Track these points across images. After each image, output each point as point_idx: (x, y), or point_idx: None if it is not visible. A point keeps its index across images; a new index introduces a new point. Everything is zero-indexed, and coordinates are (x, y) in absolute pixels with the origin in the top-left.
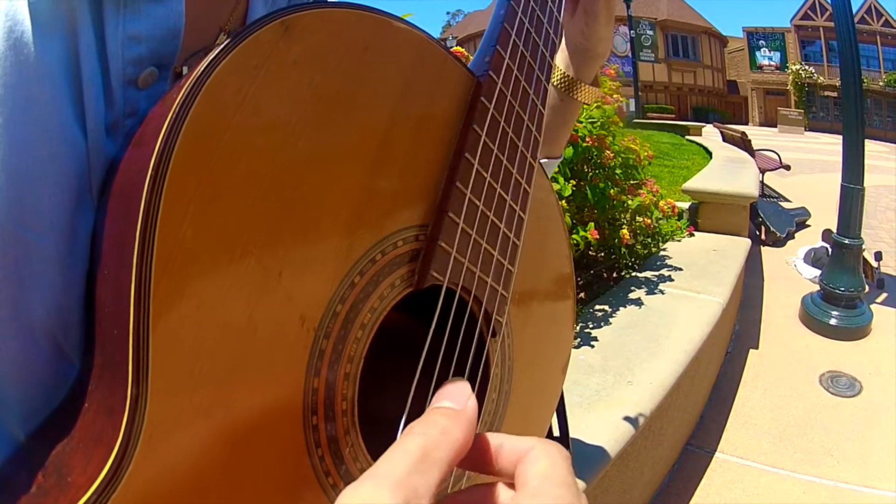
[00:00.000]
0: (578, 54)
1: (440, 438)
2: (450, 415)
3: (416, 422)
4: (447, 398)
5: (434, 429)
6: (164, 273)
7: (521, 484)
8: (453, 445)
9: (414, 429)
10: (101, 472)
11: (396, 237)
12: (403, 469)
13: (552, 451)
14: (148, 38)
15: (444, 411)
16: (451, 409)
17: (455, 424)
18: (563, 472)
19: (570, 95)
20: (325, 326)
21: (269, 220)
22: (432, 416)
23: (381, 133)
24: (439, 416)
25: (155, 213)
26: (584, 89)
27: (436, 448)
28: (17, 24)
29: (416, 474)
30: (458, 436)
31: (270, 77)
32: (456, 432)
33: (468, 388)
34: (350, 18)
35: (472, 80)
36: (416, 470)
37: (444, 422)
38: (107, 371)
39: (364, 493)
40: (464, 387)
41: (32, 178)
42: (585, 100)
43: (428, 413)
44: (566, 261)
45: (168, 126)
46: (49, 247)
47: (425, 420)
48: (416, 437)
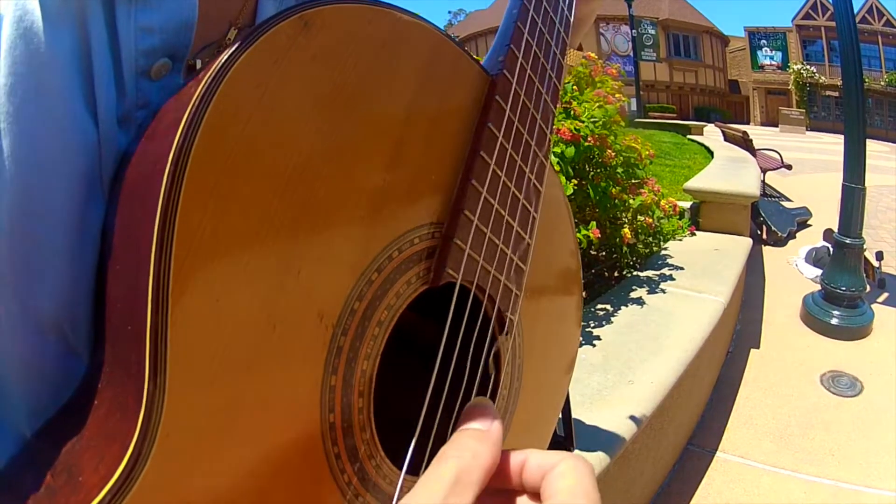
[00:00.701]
0: None
1: (472, 462)
2: (478, 437)
3: (447, 445)
4: (474, 419)
5: (466, 452)
6: (183, 269)
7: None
8: (484, 467)
9: (447, 453)
10: (116, 471)
11: (413, 234)
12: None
13: (580, 465)
14: (161, 30)
15: (472, 433)
16: (479, 431)
17: (484, 446)
18: (589, 486)
19: None
20: (342, 323)
21: (288, 215)
22: (462, 440)
23: (398, 129)
24: (469, 440)
25: (174, 209)
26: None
27: (468, 472)
28: (27, 14)
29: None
30: (487, 457)
31: (290, 72)
32: (485, 454)
33: (492, 407)
34: (367, 14)
35: (486, 78)
36: (453, 493)
37: (474, 445)
38: (118, 367)
39: None
40: (488, 407)
41: (42, 169)
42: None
43: (457, 436)
44: (573, 258)
45: (187, 119)
46: (58, 239)
47: (456, 444)
48: (450, 462)
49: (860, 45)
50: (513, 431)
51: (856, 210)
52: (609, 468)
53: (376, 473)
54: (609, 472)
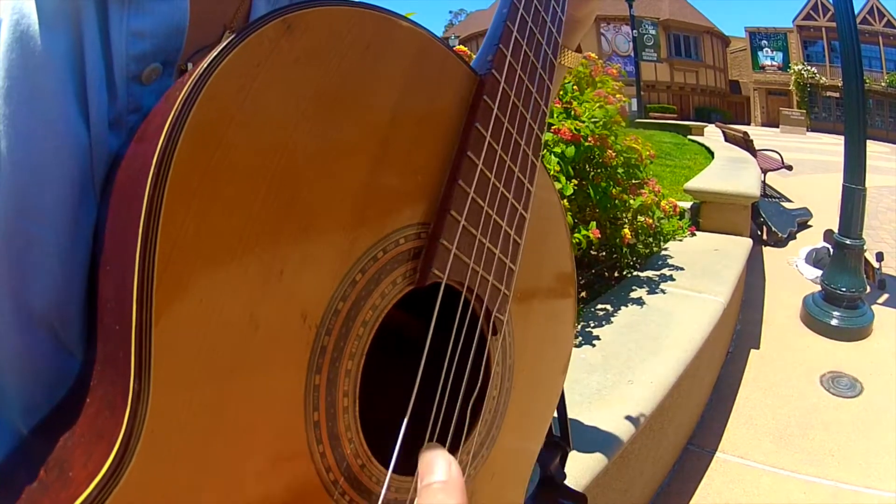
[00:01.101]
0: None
1: None
2: (445, 490)
3: None
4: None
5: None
6: (167, 269)
7: None
8: None
9: None
10: (103, 467)
11: (398, 235)
12: None
13: None
14: (152, 35)
15: (438, 488)
16: (444, 483)
17: (451, 498)
18: None
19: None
20: (326, 324)
21: (271, 217)
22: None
23: (383, 131)
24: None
25: (158, 210)
26: (569, 55)
27: None
28: (23, 17)
29: None
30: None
31: (273, 75)
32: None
33: (446, 454)
34: (352, 16)
35: (474, 78)
36: None
37: (442, 498)
38: (108, 366)
39: None
40: (443, 455)
41: (36, 170)
42: (570, 64)
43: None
44: (568, 260)
45: (171, 123)
46: (51, 239)
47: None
48: None
49: (861, 45)
50: (505, 432)
51: (856, 211)
52: (608, 468)
53: (362, 472)
54: (608, 472)
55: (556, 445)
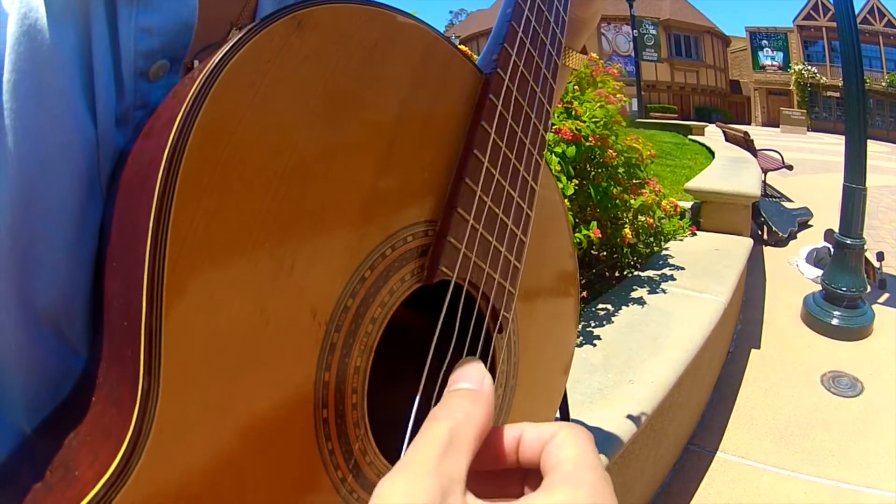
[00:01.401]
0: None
1: (465, 422)
2: (470, 396)
3: (438, 407)
4: (464, 379)
5: (458, 412)
6: (177, 265)
7: (552, 467)
8: (478, 426)
9: (438, 414)
10: (110, 466)
11: (406, 232)
12: (435, 457)
13: (579, 433)
14: (160, 31)
15: (464, 393)
16: (471, 391)
17: (476, 405)
18: (591, 454)
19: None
20: (336, 320)
21: (281, 213)
22: (454, 400)
23: (391, 128)
24: (460, 399)
25: (168, 206)
26: (574, 56)
27: (462, 432)
28: (31, 11)
29: (447, 460)
30: (480, 417)
31: (283, 72)
32: (478, 413)
33: (482, 366)
34: (361, 14)
35: (479, 76)
36: (447, 455)
37: (465, 404)
38: (115, 364)
39: (400, 486)
40: (478, 366)
41: (42, 165)
42: (574, 66)
43: (448, 396)
44: (570, 259)
45: (181, 119)
46: (57, 235)
47: (447, 404)
48: (442, 423)
49: (861, 45)
50: None
51: (856, 210)
52: (609, 468)
53: (370, 470)
54: (609, 471)
55: None
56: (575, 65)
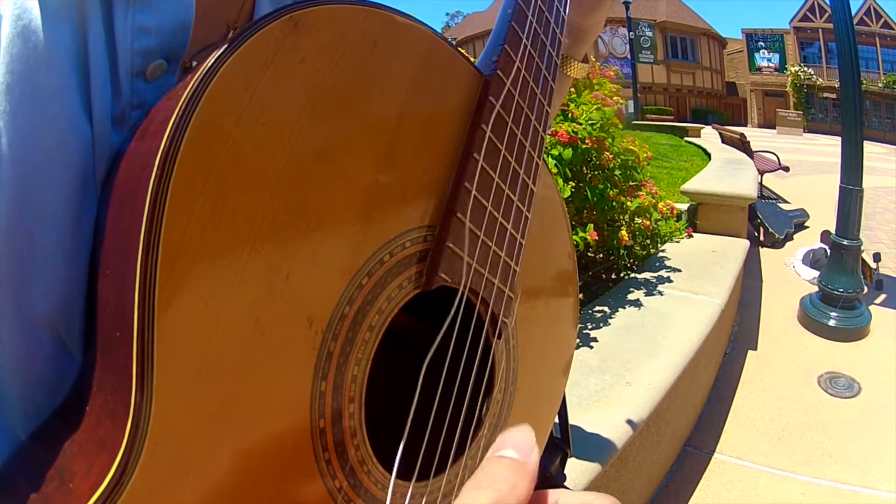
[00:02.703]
0: (574, 34)
1: (509, 495)
2: (516, 468)
3: (482, 473)
4: (513, 447)
5: (503, 484)
6: (170, 273)
7: None
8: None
9: (482, 482)
10: (105, 478)
11: (404, 238)
12: None
13: None
14: (158, 31)
15: (509, 463)
16: (518, 462)
17: (521, 480)
18: None
19: (561, 71)
20: (332, 328)
21: (277, 219)
22: (498, 468)
23: (389, 131)
24: (506, 470)
25: (161, 211)
26: (575, 65)
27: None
28: (25, 12)
29: None
30: (523, 491)
31: (279, 73)
32: (522, 488)
33: (532, 436)
34: (359, 14)
35: (479, 78)
36: None
37: (511, 476)
38: (109, 372)
39: None
40: (529, 435)
41: (38, 168)
42: (576, 75)
43: (493, 462)
44: (569, 259)
45: (175, 121)
46: (53, 238)
47: (492, 473)
48: (485, 493)
49: (858, 46)
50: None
51: (853, 212)
52: (606, 470)
53: (368, 479)
54: (606, 474)
55: (557, 447)
56: (577, 74)
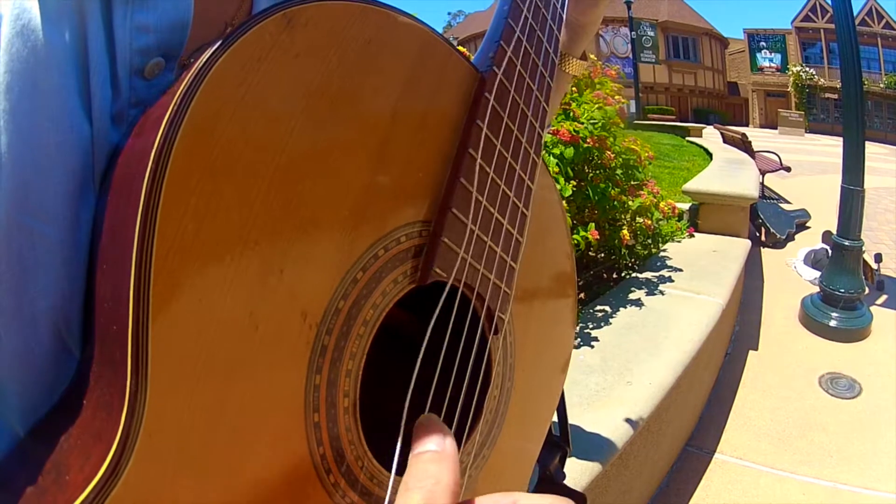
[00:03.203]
0: (571, 30)
1: (435, 488)
2: (435, 459)
3: (406, 475)
4: (426, 441)
5: (427, 480)
6: (164, 268)
7: None
8: (447, 490)
9: (408, 484)
10: (99, 469)
11: (399, 233)
12: None
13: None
14: (156, 29)
15: (429, 457)
16: (434, 453)
17: (443, 468)
18: None
19: (560, 68)
20: (327, 323)
21: (271, 214)
22: (420, 466)
23: (384, 128)
24: (427, 465)
25: (155, 207)
26: (574, 62)
27: (434, 499)
28: (24, 12)
29: None
30: (449, 479)
31: (273, 70)
32: (446, 476)
33: (441, 424)
34: (353, 11)
35: (475, 75)
36: None
37: (433, 469)
38: (105, 367)
39: None
40: (437, 424)
41: (38, 166)
42: (574, 72)
43: (413, 462)
44: (568, 260)
45: (170, 117)
46: (53, 236)
47: (414, 472)
48: (413, 493)
49: (859, 47)
50: (505, 432)
51: (854, 212)
52: (607, 469)
53: (364, 475)
54: (607, 474)
55: (556, 445)
56: (575, 71)
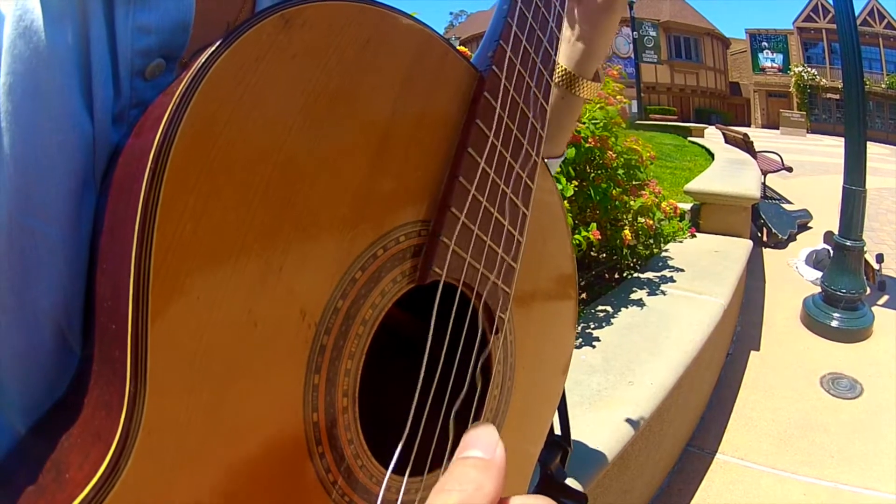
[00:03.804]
0: (581, 47)
1: (475, 494)
2: (481, 466)
3: (448, 476)
4: (475, 446)
5: (468, 485)
6: (163, 267)
7: None
8: (487, 499)
9: (447, 485)
10: (99, 468)
11: (398, 232)
12: None
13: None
14: (158, 30)
15: (474, 462)
16: (483, 461)
17: (487, 478)
18: None
19: (570, 92)
20: (326, 322)
21: (270, 213)
22: (464, 471)
23: (382, 127)
24: (471, 470)
25: (154, 206)
26: (586, 85)
27: None
28: (27, 13)
29: None
30: (490, 489)
31: (271, 70)
32: (489, 486)
33: (496, 434)
34: (351, 11)
35: (474, 74)
36: None
37: (476, 475)
38: (105, 366)
39: None
40: (492, 433)
41: (40, 166)
42: (587, 95)
43: (457, 464)
44: (569, 261)
45: (168, 117)
46: (55, 235)
47: (457, 475)
48: (452, 495)
49: (861, 47)
50: (506, 432)
51: (856, 212)
52: (608, 469)
53: (362, 473)
54: (608, 473)
55: (557, 445)
56: (589, 94)
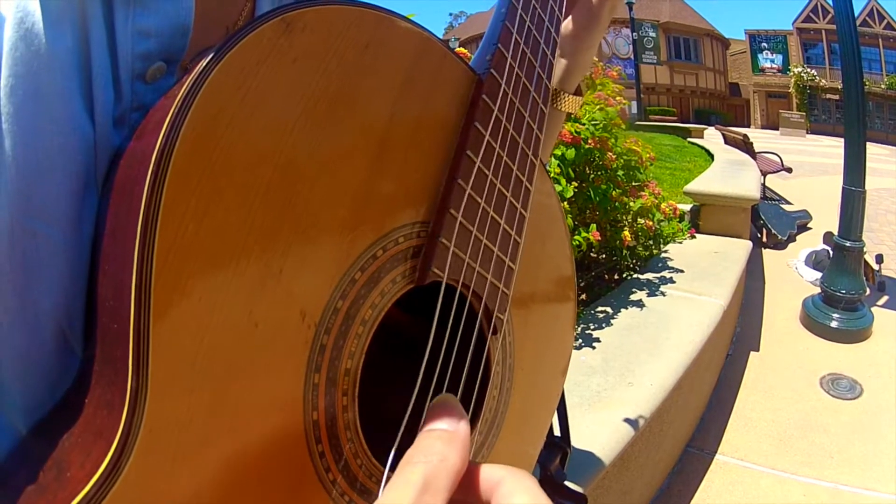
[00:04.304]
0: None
1: (440, 466)
2: (445, 438)
3: (413, 449)
4: (439, 419)
5: (433, 456)
6: (165, 268)
7: None
8: (452, 470)
9: (413, 458)
10: (100, 466)
11: (398, 233)
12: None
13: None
14: (157, 34)
15: (438, 434)
16: (446, 433)
17: (452, 449)
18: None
19: (553, 106)
20: (325, 322)
21: (271, 215)
22: (428, 442)
23: (382, 130)
24: (435, 441)
25: (156, 208)
26: (568, 99)
27: (437, 477)
28: (27, 15)
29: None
30: (456, 460)
31: (271, 73)
32: (454, 457)
33: (458, 405)
34: (351, 15)
35: (473, 77)
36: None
37: (441, 447)
38: (107, 365)
39: None
40: (454, 406)
41: (41, 168)
42: (569, 109)
43: (422, 437)
44: (568, 262)
45: (170, 120)
46: (57, 237)
47: (422, 447)
48: (417, 467)
49: (861, 48)
50: (505, 433)
51: (856, 213)
52: (608, 470)
53: (362, 472)
54: (608, 474)
55: (557, 446)
56: (570, 109)
